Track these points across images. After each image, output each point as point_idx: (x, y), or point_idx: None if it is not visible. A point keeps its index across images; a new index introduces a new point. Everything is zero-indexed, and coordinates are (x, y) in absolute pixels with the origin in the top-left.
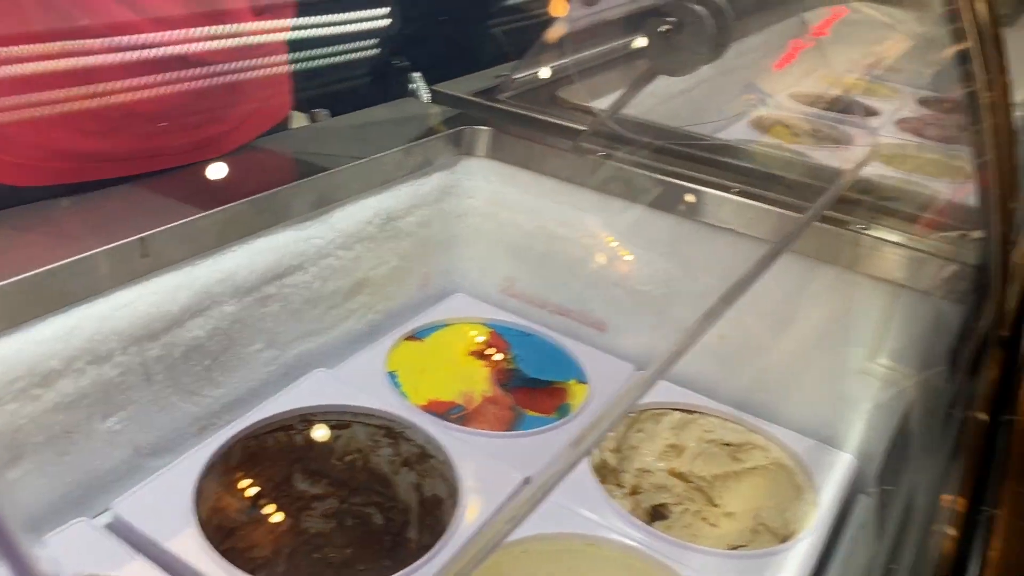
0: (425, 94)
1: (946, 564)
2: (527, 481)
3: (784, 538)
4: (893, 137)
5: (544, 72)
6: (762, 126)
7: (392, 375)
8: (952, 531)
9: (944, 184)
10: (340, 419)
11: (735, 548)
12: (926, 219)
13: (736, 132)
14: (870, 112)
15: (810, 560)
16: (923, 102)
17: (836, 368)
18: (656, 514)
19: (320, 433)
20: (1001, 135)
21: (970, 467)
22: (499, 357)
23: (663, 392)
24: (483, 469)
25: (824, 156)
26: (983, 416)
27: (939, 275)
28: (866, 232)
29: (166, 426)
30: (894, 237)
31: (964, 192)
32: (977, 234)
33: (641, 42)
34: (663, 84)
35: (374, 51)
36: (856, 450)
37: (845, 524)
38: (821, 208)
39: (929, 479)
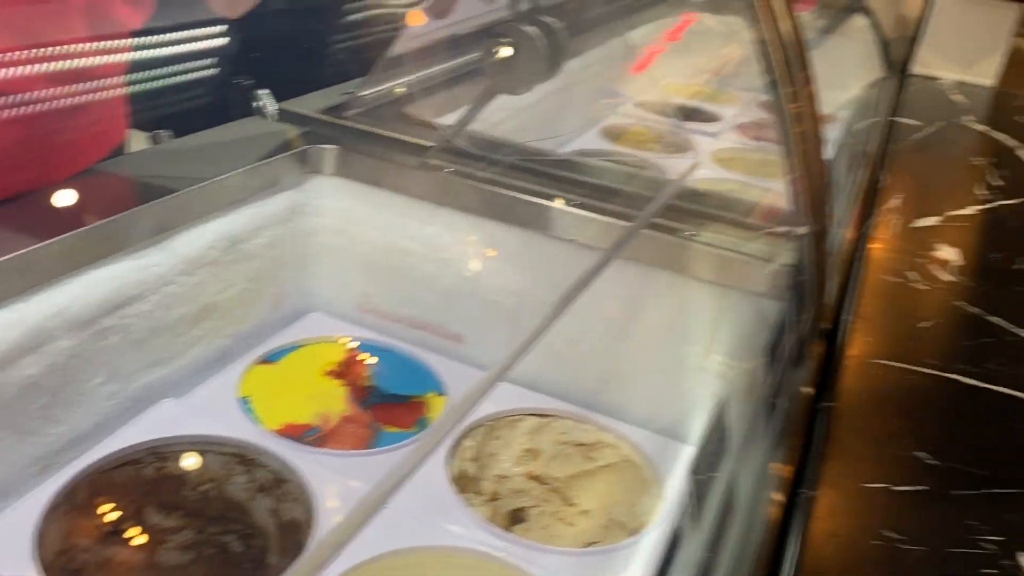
0: (272, 112)
1: (770, 539)
2: None
3: (633, 531)
4: (733, 141)
5: (391, 88)
6: (612, 134)
7: (245, 400)
8: (779, 496)
9: (775, 185)
10: (191, 449)
11: (588, 545)
12: (753, 221)
13: (587, 141)
14: (713, 117)
15: (656, 550)
16: (762, 106)
17: (675, 366)
18: (515, 518)
19: (170, 464)
20: (809, 143)
21: (792, 451)
22: (357, 375)
23: (519, 398)
24: (340, 489)
25: (668, 163)
26: (804, 404)
27: (762, 275)
28: (694, 238)
29: (2, 469)
30: (721, 241)
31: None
32: (798, 232)
33: (480, 61)
34: (513, 97)
35: (219, 70)
36: (698, 442)
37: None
38: (648, 218)
39: (753, 466)
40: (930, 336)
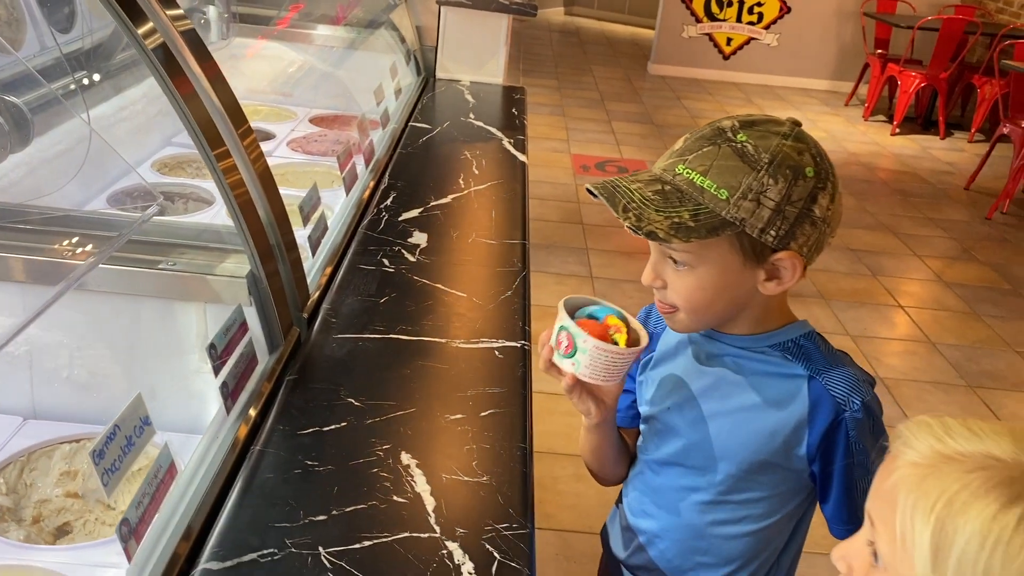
0: None
1: (219, 486)
2: None
3: None
4: (285, 156)
5: None
6: (168, 166)
7: None
8: (233, 454)
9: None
10: None
11: None
12: (230, 247)
13: (144, 174)
14: (267, 135)
15: None
16: (314, 120)
17: (183, 374)
18: (61, 532)
19: None
20: (251, 187)
21: (250, 419)
22: None
23: (52, 431)
24: None
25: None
26: (272, 380)
27: (235, 288)
28: (172, 268)
29: None
30: (202, 266)
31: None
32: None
33: None
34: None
35: None
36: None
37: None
38: (102, 258)
39: (227, 437)
40: (385, 307)
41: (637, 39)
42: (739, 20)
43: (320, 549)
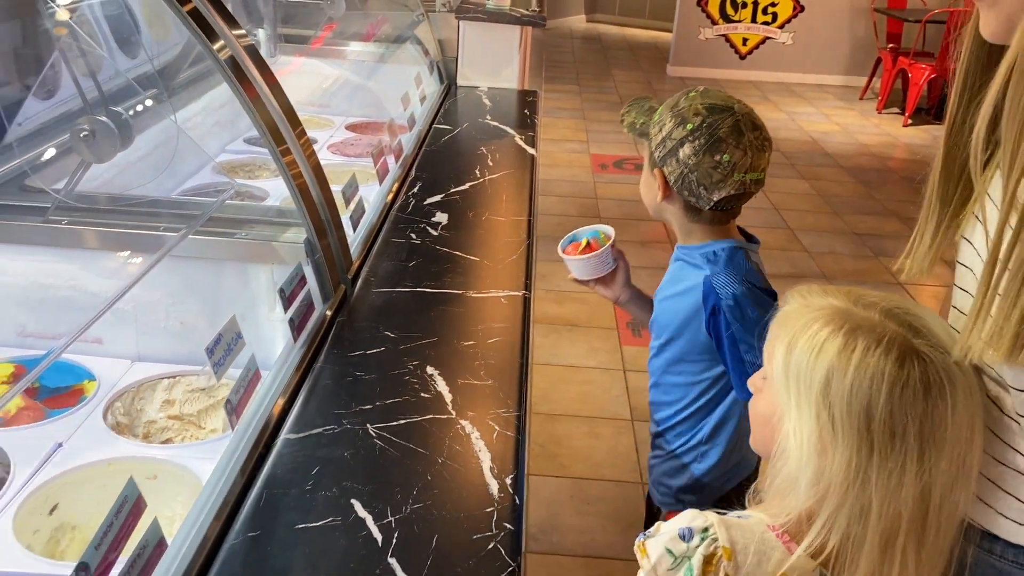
0: None
1: (288, 397)
2: (59, 445)
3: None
4: (327, 159)
5: (11, 167)
6: (225, 169)
7: None
8: (298, 373)
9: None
10: None
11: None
12: (289, 220)
13: (205, 176)
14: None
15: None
16: (349, 127)
17: (262, 321)
18: (165, 444)
19: None
20: (308, 177)
21: (310, 347)
22: (24, 383)
23: (154, 370)
24: (26, 447)
25: (271, 185)
26: (326, 321)
27: (296, 253)
28: (245, 238)
29: None
30: (267, 236)
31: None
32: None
33: (70, 141)
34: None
35: None
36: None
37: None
38: (191, 230)
39: (293, 363)
40: (413, 269)
41: (658, 43)
42: (754, 20)
43: (368, 426)
